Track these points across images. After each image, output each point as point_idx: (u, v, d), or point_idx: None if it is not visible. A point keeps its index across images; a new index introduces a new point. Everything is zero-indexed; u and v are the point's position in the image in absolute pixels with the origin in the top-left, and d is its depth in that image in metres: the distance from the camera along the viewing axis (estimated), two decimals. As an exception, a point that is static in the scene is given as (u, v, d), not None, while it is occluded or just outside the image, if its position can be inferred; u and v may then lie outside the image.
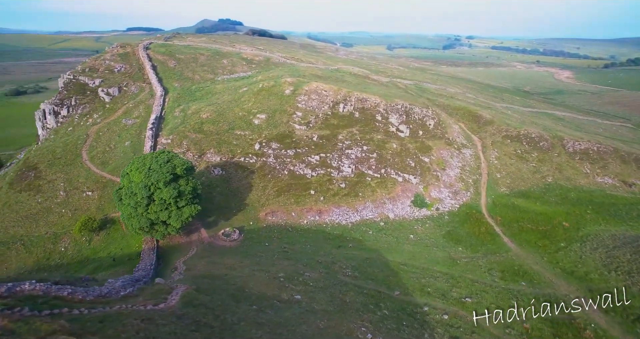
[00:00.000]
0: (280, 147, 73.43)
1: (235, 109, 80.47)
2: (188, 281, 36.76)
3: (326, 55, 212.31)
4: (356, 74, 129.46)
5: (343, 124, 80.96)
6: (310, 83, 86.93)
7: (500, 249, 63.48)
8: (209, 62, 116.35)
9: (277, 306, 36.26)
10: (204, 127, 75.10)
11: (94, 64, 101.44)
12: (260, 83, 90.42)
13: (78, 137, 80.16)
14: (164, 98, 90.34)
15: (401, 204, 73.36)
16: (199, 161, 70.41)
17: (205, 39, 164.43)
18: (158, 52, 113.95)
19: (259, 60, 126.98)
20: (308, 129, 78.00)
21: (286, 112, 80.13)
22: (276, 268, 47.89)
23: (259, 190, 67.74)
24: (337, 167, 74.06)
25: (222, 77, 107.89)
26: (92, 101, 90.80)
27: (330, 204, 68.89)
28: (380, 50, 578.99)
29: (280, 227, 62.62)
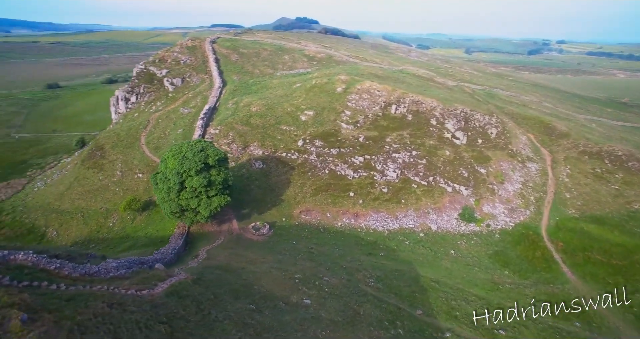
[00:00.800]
0: (323, 145, 71.80)
1: (285, 104, 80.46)
2: (197, 270, 36.65)
3: (396, 56, 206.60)
4: (420, 76, 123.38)
5: (393, 126, 76.97)
6: (364, 82, 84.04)
7: (556, 280, 55.57)
8: (271, 57, 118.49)
9: (280, 308, 34.64)
10: (251, 120, 76.10)
11: (163, 56, 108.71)
12: (314, 80, 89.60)
13: (140, 122, 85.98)
14: (221, 90, 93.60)
15: (447, 216, 67.78)
16: (242, 153, 71.45)
17: (273, 35, 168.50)
18: (223, 46, 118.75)
19: (321, 58, 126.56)
20: (355, 129, 75.35)
21: (335, 110, 78.25)
22: (296, 268, 46.36)
23: (297, 187, 66.77)
24: (381, 170, 70.51)
25: (281, 73, 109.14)
26: (157, 89, 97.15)
27: (369, 208, 65.74)
28: (457, 54, 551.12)
29: (312, 227, 61.01)
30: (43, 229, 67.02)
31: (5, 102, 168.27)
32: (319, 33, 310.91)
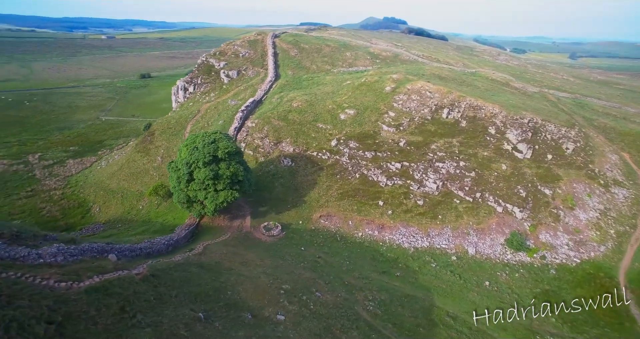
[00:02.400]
0: (358, 147, 66.56)
1: (327, 101, 76.63)
2: (167, 265, 34.83)
3: (478, 59, 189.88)
4: (494, 80, 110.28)
5: (442, 132, 68.62)
6: (416, 82, 76.47)
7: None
8: (332, 53, 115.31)
9: (240, 321, 31.23)
10: (289, 116, 73.71)
11: (224, 49, 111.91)
12: (364, 77, 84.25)
13: (191, 112, 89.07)
14: (272, 84, 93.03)
15: (490, 239, 58.29)
16: (273, 148, 69.45)
17: (345, 32, 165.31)
18: (285, 41, 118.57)
19: (386, 56, 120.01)
20: (397, 132, 68.69)
21: (378, 110, 72.29)
22: (289, 277, 42.65)
23: (322, 189, 62.74)
24: (420, 180, 63.16)
25: (338, 70, 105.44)
26: (214, 81, 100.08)
27: (398, 220, 59.19)
28: (558, 59, 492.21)
29: (329, 234, 56.58)
30: (90, 205, 72.43)
31: (105, 89, 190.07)
32: (401, 33, 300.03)
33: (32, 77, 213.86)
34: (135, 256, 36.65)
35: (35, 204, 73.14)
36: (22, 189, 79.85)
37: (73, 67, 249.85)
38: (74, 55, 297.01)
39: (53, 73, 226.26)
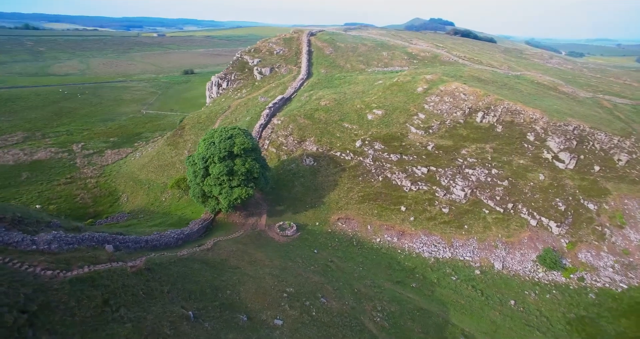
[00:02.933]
0: (383, 149, 63.90)
1: (356, 101, 74.43)
2: (167, 259, 34.49)
3: (527, 62, 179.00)
4: (540, 83, 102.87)
5: (475, 136, 64.37)
6: (450, 83, 72.37)
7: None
8: (368, 53, 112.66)
9: (234, 323, 30.22)
10: (315, 114, 72.31)
11: (259, 46, 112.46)
12: (397, 77, 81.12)
13: (222, 107, 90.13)
14: (303, 82, 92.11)
15: (521, 254, 53.79)
16: (296, 147, 68.35)
17: (384, 32, 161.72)
18: (320, 39, 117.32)
19: (424, 56, 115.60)
20: (426, 135, 65.26)
21: (407, 111, 69.11)
22: (296, 280, 41.26)
23: (343, 191, 60.80)
24: (447, 186, 59.56)
25: (373, 69, 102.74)
26: (246, 77, 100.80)
27: (420, 228, 56.09)
28: (622, 63, 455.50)
29: (345, 238, 54.57)
30: (119, 194, 75.08)
31: (149, 84, 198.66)
32: (445, 34, 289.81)
33: (87, 72, 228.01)
34: (140, 248, 36.77)
35: (71, 190, 76.95)
36: (62, 176, 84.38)
37: (124, 62, 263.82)
38: (127, 52, 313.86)
39: (106, 68, 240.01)
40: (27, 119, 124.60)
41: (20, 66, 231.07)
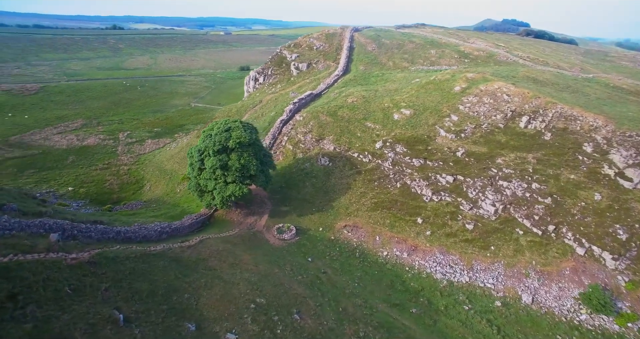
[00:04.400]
0: (405, 152, 57.50)
1: (385, 99, 68.43)
2: (130, 253, 32.32)
3: (612, 65, 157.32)
4: (617, 87, 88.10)
5: (515, 144, 55.49)
6: (492, 82, 63.45)
7: None
8: (415, 50, 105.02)
9: (172, 331, 27.12)
10: (338, 112, 67.59)
11: (300, 41, 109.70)
12: (435, 75, 73.51)
13: (254, 102, 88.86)
14: (338, 79, 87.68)
15: (559, 288, 44.81)
16: (314, 145, 64.26)
17: (440, 30, 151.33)
18: (365, 35, 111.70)
19: (477, 55, 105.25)
20: (456, 139, 57.62)
21: (439, 112, 61.76)
22: (273, 291, 37.36)
23: (355, 196, 55.61)
24: (474, 200, 51.82)
25: (417, 68, 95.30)
26: (283, 72, 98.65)
27: (437, 244, 49.22)
28: None
29: (348, 248, 49.45)
30: (145, 183, 76.75)
31: (205, 79, 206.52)
32: (515, 35, 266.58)
33: (154, 67, 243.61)
34: (106, 239, 35.25)
35: (104, 176, 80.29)
36: (101, 161, 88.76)
37: (188, 58, 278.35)
38: (192, 48, 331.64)
39: (170, 63, 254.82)
40: (90, 108, 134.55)
41: (100, 61, 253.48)
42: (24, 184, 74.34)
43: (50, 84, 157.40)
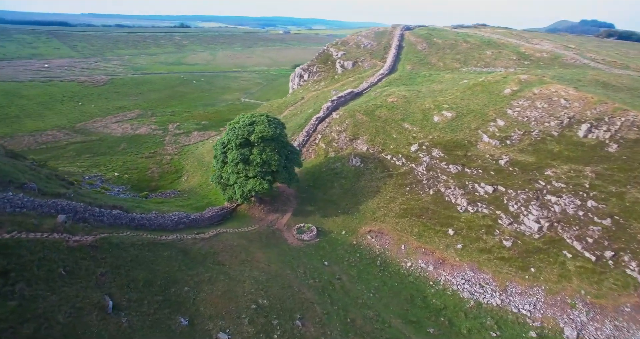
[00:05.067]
0: (442, 157, 53.23)
1: (427, 100, 64.16)
2: (139, 240, 32.38)
3: None
4: None
5: (571, 155, 49.08)
6: (548, 85, 56.74)
7: None
8: (468, 51, 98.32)
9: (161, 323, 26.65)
10: (376, 112, 64.49)
11: (348, 38, 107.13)
12: (485, 77, 67.70)
13: (295, 99, 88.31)
14: (382, 78, 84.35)
15: (614, 327, 38.71)
16: (347, 145, 61.86)
17: (502, 31, 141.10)
18: (416, 34, 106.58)
19: (540, 57, 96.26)
20: (501, 146, 52.24)
21: (483, 116, 56.51)
22: (279, 293, 35.93)
23: (384, 200, 52.50)
24: (515, 214, 46.56)
25: (469, 69, 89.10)
26: (328, 70, 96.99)
27: (467, 259, 44.85)
28: None
29: (369, 255, 46.60)
30: (183, 173, 79.11)
31: (258, 75, 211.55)
32: (593, 36, 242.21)
33: (212, 63, 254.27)
34: (119, 225, 35.77)
35: (147, 164, 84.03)
36: (148, 150, 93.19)
37: (245, 55, 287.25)
38: (251, 46, 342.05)
39: (228, 60, 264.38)
40: (147, 100, 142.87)
41: (164, 56, 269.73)
42: (78, 167, 79.87)
43: (117, 77, 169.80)
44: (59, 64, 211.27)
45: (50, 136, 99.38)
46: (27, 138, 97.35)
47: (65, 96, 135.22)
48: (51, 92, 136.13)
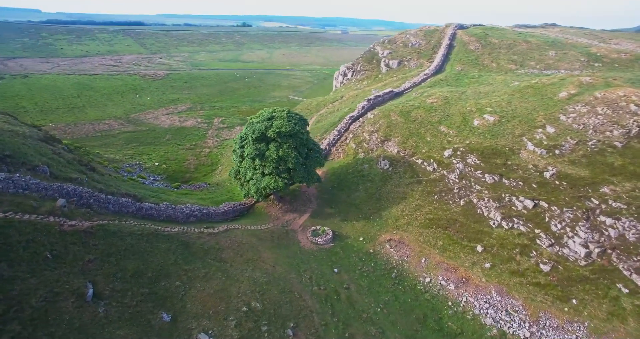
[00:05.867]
0: (478, 165, 48.09)
1: (469, 102, 58.70)
2: (128, 230, 32.12)
3: None
4: None
5: (636, 171, 41.76)
6: (615, 88, 48.87)
7: None
8: (527, 51, 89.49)
9: (140, 317, 26.03)
10: (412, 112, 60.24)
11: (396, 37, 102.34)
12: (538, 78, 60.60)
13: (335, 97, 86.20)
14: (427, 78, 79.35)
15: (665, 379, 32.11)
16: (378, 146, 58.45)
17: (574, 31, 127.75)
18: (469, 33, 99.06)
19: (615, 58, 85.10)
20: (548, 156, 45.97)
21: (531, 121, 50.22)
22: (277, 298, 34.19)
23: (409, 207, 48.63)
24: (558, 235, 40.63)
25: (525, 71, 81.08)
26: (372, 69, 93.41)
27: (496, 281, 39.95)
28: None
29: (385, 266, 43.18)
30: (218, 166, 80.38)
31: (310, 74, 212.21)
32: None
33: (267, 61, 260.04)
34: (127, 213, 35.95)
35: (186, 155, 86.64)
36: (190, 142, 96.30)
37: (300, 54, 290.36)
38: (307, 45, 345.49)
39: (283, 58, 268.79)
40: (198, 94, 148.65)
41: (223, 54, 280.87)
42: (123, 155, 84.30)
43: (174, 72, 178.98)
44: (129, 60, 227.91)
45: (106, 125, 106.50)
46: (87, 126, 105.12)
47: (126, 88, 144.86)
48: (115, 85, 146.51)
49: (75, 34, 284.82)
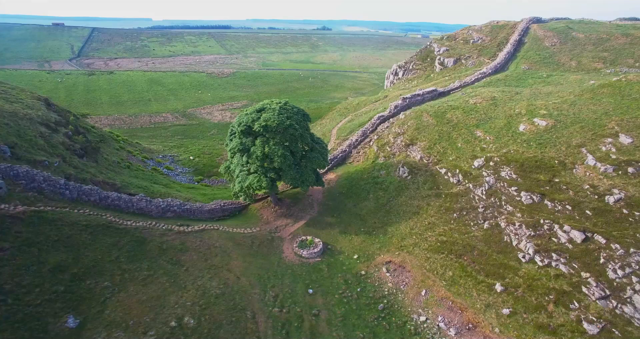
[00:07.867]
0: (513, 179, 37.74)
1: (521, 103, 47.43)
2: (73, 220, 29.43)
3: None
4: None
5: None
6: None
7: None
8: (625, 47, 72.34)
9: (34, 322, 22.94)
10: (447, 113, 50.68)
11: (457, 33, 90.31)
12: (623, 75, 46.91)
13: (377, 97, 78.99)
14: (483, 77, 67.96)
15: None
16: (400, 151, 50.22)
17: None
18: (546, 27, 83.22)
19: None
20: (614, 174, 34.05)
21: (597, 128, 38.11)
22: (222, 316, 29.59)
23: (420, 225, 40.15)
24: (618, 285, 29.43)
25: (616, 70, 65.33)
26: (425, 67, 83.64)
27: (514, 334, 30.24)
28: None
29: (374, 294, 35.52)
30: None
31: (377, 76, 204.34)
32: None
33: (338, 62, 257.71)
34: (87, 201, 33.81)
35: (221, 150, 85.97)
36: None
37: (373, 57, 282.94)
38: (383, 49, 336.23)
39: (354, 61, 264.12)
40: (258, 92, 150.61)
41: (296, 55, 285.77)
42: (164, 146, 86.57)
43: (240, 71, 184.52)
44: (207, 59, 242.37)
45: (162, 118, 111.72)
46: (145, 118, 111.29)
47: (192, 84, 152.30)
48: (182, 81, 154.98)
49: (167, 37, 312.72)
